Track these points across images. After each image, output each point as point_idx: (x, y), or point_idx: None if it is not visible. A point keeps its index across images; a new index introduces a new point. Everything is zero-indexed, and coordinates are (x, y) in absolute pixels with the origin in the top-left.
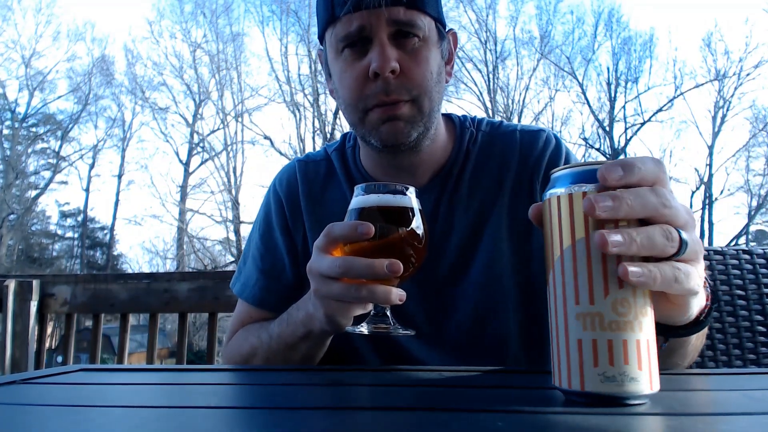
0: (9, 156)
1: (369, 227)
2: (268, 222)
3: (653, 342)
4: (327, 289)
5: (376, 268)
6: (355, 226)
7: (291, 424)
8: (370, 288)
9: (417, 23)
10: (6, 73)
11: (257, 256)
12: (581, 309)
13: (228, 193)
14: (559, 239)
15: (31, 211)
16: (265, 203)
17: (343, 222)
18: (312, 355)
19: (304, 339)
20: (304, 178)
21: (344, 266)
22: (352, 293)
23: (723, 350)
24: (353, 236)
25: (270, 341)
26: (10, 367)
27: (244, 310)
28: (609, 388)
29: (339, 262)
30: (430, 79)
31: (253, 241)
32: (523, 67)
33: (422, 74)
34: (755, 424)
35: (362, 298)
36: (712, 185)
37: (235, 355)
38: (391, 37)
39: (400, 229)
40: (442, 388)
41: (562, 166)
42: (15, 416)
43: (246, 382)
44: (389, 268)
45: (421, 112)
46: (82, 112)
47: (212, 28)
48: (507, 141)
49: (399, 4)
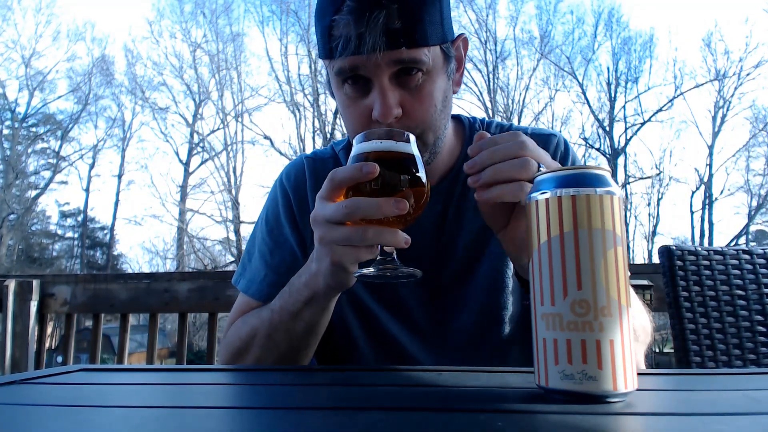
0: (9, 156)
1: (373, 166)
2: (275, 216)
3: (620, 342)
4: (333, 234)
5: (383, 206)
6: (360, 167)
7: (291, 424)
8: (377, 229)
9: (420, 59)
10: (6, 73)
11: (265, 251)
12: (545, 309)
13: (228, 193)
14: (530, 243)
15: (31, 211)
16: (272, 198)
17: (345, 166)
18: (315, 324)
19: (308, 304)
20: (313, 173)
21: (351, 206)
22: (359, 235)
23: (723, 350)
24: (357, 176)
25: (272, 315)
26: (10, 367)
27: (245, 303)
28: (568, 385)
29: (345, 203)
30: (434, 113)
31: (258, 237)
32: (523, 67)
33: (426, 111)
34: (755, 424)
35: (369, 240)
36: (712, 185)
37: (234, 341)
38: (393, 76)
39: (401, 174)
40: (442, 388)
41: (541, 171)
42: (15, 416)
43: (246, 382)
44: (396, 205)
45: (425, 144)
46: (82, 112)
47: (212, 28)
48: None
49: (398, 46)
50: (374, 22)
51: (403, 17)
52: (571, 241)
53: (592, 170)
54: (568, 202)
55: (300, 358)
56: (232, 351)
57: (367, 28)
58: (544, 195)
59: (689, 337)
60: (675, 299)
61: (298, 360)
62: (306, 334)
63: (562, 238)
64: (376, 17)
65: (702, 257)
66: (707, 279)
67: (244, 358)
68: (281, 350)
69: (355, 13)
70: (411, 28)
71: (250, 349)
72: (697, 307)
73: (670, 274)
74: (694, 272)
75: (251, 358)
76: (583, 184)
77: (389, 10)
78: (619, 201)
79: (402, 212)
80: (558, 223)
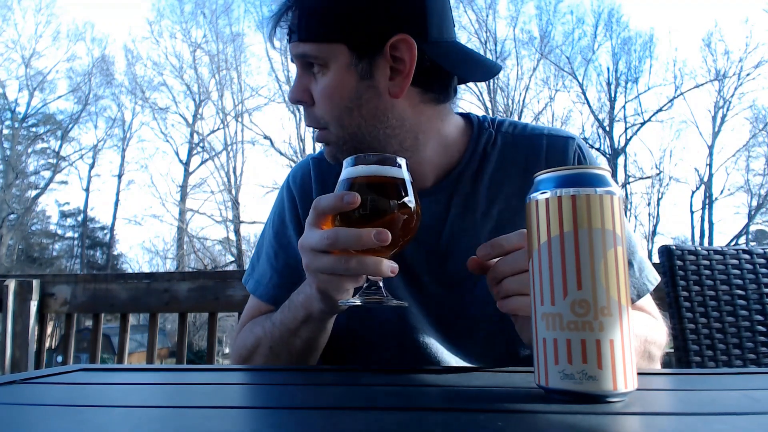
0: (9, 156)
1: (354, 196)
2: (281, 218)
3: (620, 341)
4: (317, 263)
5: (363, 236)
6: (341, 196)
7: (291, 424)
8: (360, 259)
9: (308, 53)
10: (6, 73)
11: (271, 253)
12: (545, 309)
13: (228, 193)
14: (530, 243)
15: (31, 211)
16: (279, 200)
17: (329, 194)
18: (313, 339)
19: (305, 322)
20: (318, 174)
21: (332, 237)
22: (342, 265)
23: (723, 350)
24: (339, 206)
25: (273, 329)
26: (10, 367)
27: (255, 305)
28: (568, 385)
29: (327, 233)
30: (336, 105)
31: (266, 237)
32: (523, 67)
33: (322, 102)
34: (755, 424)
35: (352, 269)
36: (712, 185)
37: (241, 349)
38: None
39: (390, 200)
40: (442, 387)
41: (542, 170)
42: (15, 416)
43: (246, 381)
44: (377, 237)
45: (338, 135)
46: (82, 112)
47: (212, 29)
48: (532, 146)
49: (296, 39)
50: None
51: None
52: (571, 241)
53: (592, 170)
54: (568, 202)
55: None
56: (239, 358)
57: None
58: (544, 195)
59: (689, 337)
60: (675, 299)
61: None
62: (305, 349)
63: (562, 238)
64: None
65: (702, 257)
66: (707, 279)
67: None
68: (282, 361)
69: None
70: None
71: (255, 356)
72: (697, 307)
73: (670, 274)
74: (694, 272)
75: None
76: (583, 184)
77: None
78: (619, 201)
79: (383, 243)
80: (558, 223)
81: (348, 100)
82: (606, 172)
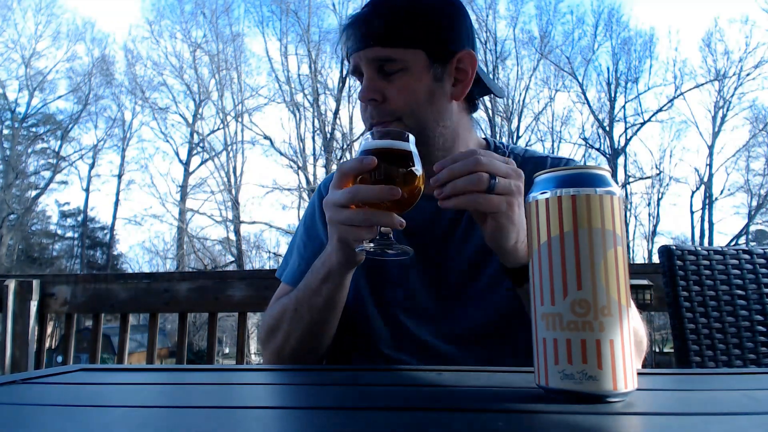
0: (9, 156)
1: (372, 159)
2: (312, 217)
3: (620, 341)
4: (339, 215)
5: (378, 191)
6: (361, 159)
7: (292, 424)
8: (375, 212)
9: (391, 58)
10: (6, 73)
11: (301, 246)
12: (545, 309)
13: (228, 193)
14: (530, 243)
15: (31, 211)
16: (311, 204)
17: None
18: (333, 297)
19: (325, 280)
20: None
21: (353, 191)
22: (359, 216)
23: (723, 350)
24: (359, 167)
25: (297, 293)
26: (10, 367)
27: (283, 288)
28: (568, 385)
29: (348, 189)
30: (414, 101)
31: (298, 235)
32: (523, 67)
33: (404, 99)
34: (755, 424)
35: (368, 220)
36: (712, 185)
37: (268, 319)
38: (377, 69)
39: (399, 167)
40: (442, 388)
41: (542, 171)
42: (15, 416)
43: (246, 381)
44: (390, 191)
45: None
46: (82, 112)
47: (212, 28)
48: (536, 164)
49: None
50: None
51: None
52: (571, 241)
53: (592, 170)
54: (568, 202)
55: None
56: (267, 329)
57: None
58: (544, 195)
59: (689, 337)
60: (675, 299)
61: (320, 337)
62: (326, 307)
63: (562, 238)
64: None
65: (702, 257)
66: (707, 279)
67: (276, 334)
68: (305, 323)
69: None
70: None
71: (281, 324)
72: (697, 307)
73: (670, 274)
74: (694, 272)
75: (281, 333)
76: (583, 184)
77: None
78: (619, 201)
79: (395, 197)
80: (558, 223)
81: (424, 97)
82: (606, 172)
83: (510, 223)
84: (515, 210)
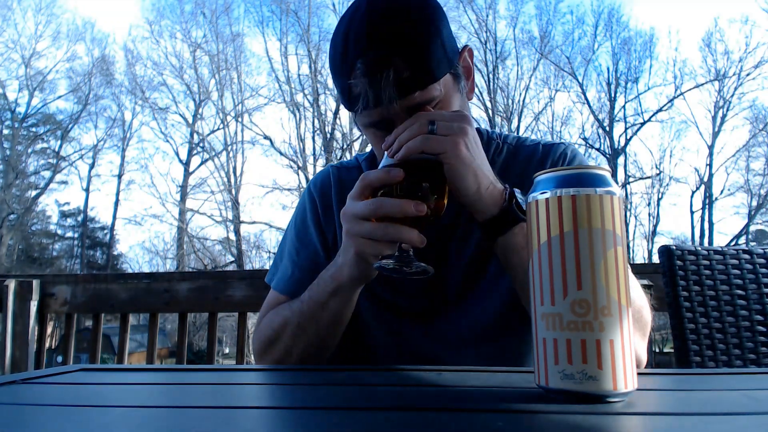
0: (9, 156)
1: (399, 171)
2: (303, 220)
3: (620, 341)
4: (359, 228)
5: (404, 206)
6: (388, 170)
7: (292, 424)
8: (397, 227)
9: (433, 96)
10: (6, 73)
11: (293, 251)
12: (545, 309)
13: (228, 193)
14: (530, 243)
15: (31, 211)
16: (301, 204)
17: (375, 169)
18: (340, 312)
19: (334, 294)
20: (338, 181)
21: (376, 203)
22: (381, 230)
23: (723, 350)
24: (385, 179)
25: (301, 306)
26: (10, 367)
27: (275, 298)
28: (568, 385)
29: (371, 201)
30: None
31: (288, 239)
32: (523, 67)
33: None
34: (755, 424)
35: (390, 235)
36: (712, 185)
37: (266, 330)
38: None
39: (424, 181)
40: (442, 388)
41: (542, 170)
42: (15, 416)
43: (246, 381)
44: (416, 207)
45: None
46: (82, 112)
47: (212, 28)
48: (529, 152)
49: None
50: (386, 79)
51: (410, 66)
52: (571, 241)
53: (592, 170)
54: (568, 202)
55: (324, 348)
56: (264, 340)
57: (380, 85)
58: (544, 195)
59: (689, 337)
60: (675, 299)
61: (323, 350)
62: (332, 323)
63: (562, 238)
64: (387, 74)
65: (702, 257)
66: (707, 279)
67: (275, 347)
68: (309, 338)
69: (367, 75)
70: (419, 74)
71: (282, 337)
72: (697, 307)
73: (670, 274)
74: (694, 272)
75: (281, 346)
76: (583, 184)
77: (396, 64)
78: (619, 201)
79: (421, 214)
80: (558, 223)
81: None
82: (606, 172)
83: (461, 163)
84: (462, 149)
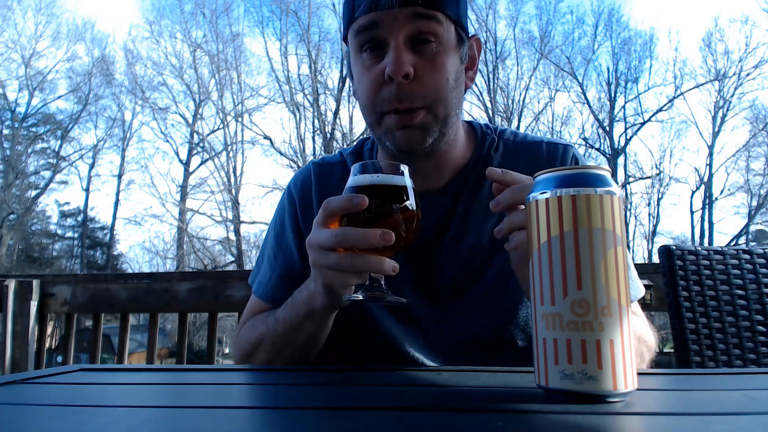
0: (9, 156)
1: (363, 198)
2: (281, 222)
3: (620, 341)
4: (325, 259)
5: (369, 236)
6: (350, 198)
7: (291, 424)
8: (365, 257)
9: (434, 30)
10: (6, 73)
11: (271, 255)
12: (545, 309)
13: (228, 193)
14: (530, 243)
15: (31, 211)
16: (280, 204)
17: (338, 196)
18: (315, 335)
19: (307, 318)
20: (318, 180)
21: (340, 235)
22: (348, 261)
23: (723, 350)
24: (348, 207)
25: (276, 325)
26: (10, 367)
27: (255, 304)
28: (568, 385)
29: (335, 232)
30: (446, 86)
31: (268, 240)
32: (523, 67)
33: (437, 81)
34: (755, 424)
35: (357, 266)
36: (712, 185)
37: (244, 343)
38: (408, 41)
39: (393, 204)
40: (442, 388)
41: (541, 171)
42: (15, 416)
43: (246, 382)
44: (382, 237)
45: (436, 118)
46: (82, 112)
47: (212, 29)
48: (533, 152)
49: (415, 3)
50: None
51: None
52: (571, 241)
53: (592, 170)
54: (568, 202)
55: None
56: (242, 353)
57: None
58: (544, 195)
59: (689, 337)
60: (675, 299)
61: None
62: (307, 345)
63: (562, 238)
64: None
65: (702, 257)
66: (707, 279)
67: (252, 361)
68: (285, 357)
69: None
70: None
71: (258, 353)
72: (697, 307)
73: (670, 274)
74: (694, 272)
75: (257, 361)
76: (583, 184)
77: None
78: (619, 201)
79: (388, 243)
80: (558, 223)
81: (453, 80)
82: (606, 172)
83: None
84: None
